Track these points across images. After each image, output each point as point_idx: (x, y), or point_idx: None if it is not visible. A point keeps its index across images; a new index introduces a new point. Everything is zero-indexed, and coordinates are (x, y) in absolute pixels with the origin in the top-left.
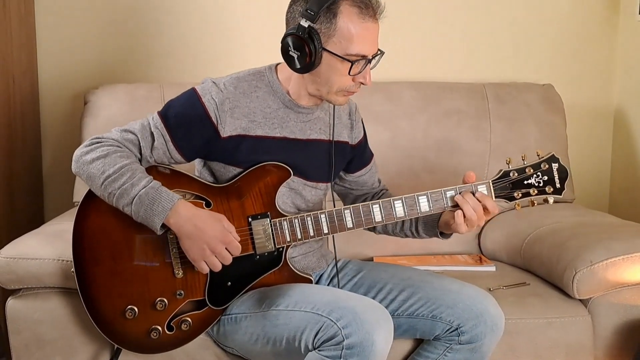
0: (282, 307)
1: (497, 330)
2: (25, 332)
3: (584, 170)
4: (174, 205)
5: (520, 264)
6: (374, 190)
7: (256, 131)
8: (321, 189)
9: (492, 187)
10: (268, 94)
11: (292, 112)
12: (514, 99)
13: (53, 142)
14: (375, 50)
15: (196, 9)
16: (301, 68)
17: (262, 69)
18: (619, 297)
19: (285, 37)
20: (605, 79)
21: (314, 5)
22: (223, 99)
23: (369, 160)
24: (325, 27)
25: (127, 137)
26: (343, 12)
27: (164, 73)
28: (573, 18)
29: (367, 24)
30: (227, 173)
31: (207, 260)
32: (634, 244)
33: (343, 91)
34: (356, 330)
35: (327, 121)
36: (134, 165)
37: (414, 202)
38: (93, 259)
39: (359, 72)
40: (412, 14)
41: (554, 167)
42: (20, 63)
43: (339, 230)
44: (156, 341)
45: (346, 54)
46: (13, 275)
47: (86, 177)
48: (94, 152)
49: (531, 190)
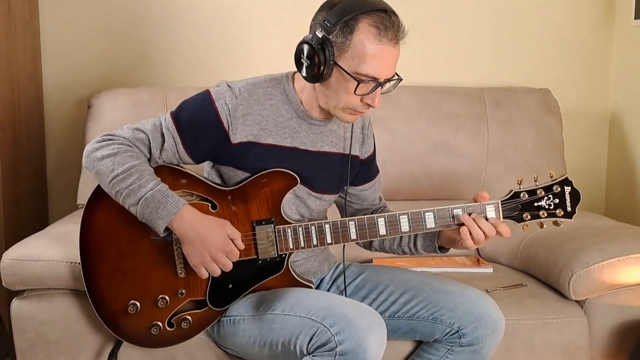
0: (279, 311)
1: (497, 333)
2: (30, 332)
3: (580, 174)
4: (178, 210)
5: (517, 265)
6: (374, 206)
7: (267, 139)
8: (326, 200)
9: (500, 207)
10: (282, 103)
11: (304, 123)
12: (512, 103)
13: (57, 146)
14: (390, 74)
15: (198, 15)
16: (309, 77)
17: (279, 76)
18: (615, 298)
19: (301, 44)
20: (601, 84)
21: (333, 17)
22: (237, 105)
23: (373, 176)
24: (340, 40)
25: (138, 137)
26: (361, 30)
27: (166, 77)
28: (569, 24)
29: (383, 47)
30: (235, 177)
31: (207, 267)
32: (630, 246)
33: (350, 109)
34: (349, 336)
35: (340, 134)
36: (143, 166)
37: (419, 218)
38: (99, 255)
39: (367, 94)
40: (411, 20)
41: (566, 190)
42: (25, 68)
43: (343, 241)
44: (156, 336)
45: (356, 72)
46: (18, 276)
47: (95, 173)
48: (104, 149)
49: (541, 213)
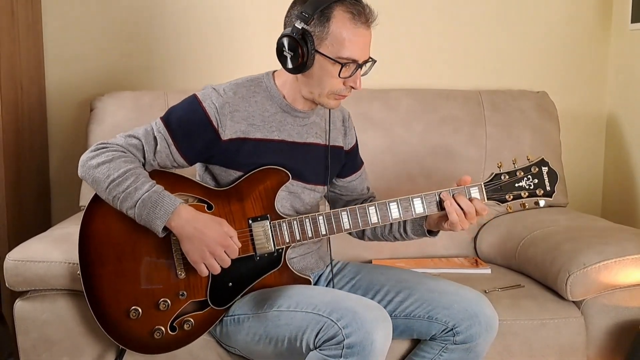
0: (284, 307)
1: (491, 331)
2: (33, 332)
3: (577, 176)
4: (175, 208)
5: (515, 266)
6: (362, 196)
7: (255, 134)
8: (319, 191)
9: (484, 189)
10: (266, 99)
11: (289, 116)
12: (509, 106)
13: (60, 148)
14: (366, 56)
15: (198, 20)
16: (293, 68)
17: (260, 76)
18: (611, 299)
19: (281, 38)
20: (597, 87)
21: (309, 8)
22: (223, 103)
23: (359, 166)
24: (318, 30)
25: (131, 142)
26: (336, 17)
27: (168, 80)
28: (566, 28)
29: (359, 30)
30: (228, 177)
31: (206, 263)
32: (626, 247)
33: (334, 94)
34: (356, 330)
35: (323, 126)
36: (138, 170)
37: (408, 204)
38: (98, 260)
39: (350, 76)
40: (410, 24)
41: (543, 171)
42: (28, 71)
43: (337, 231)
44: (159, 341)
45: (337, 56)
46: (21, 277)
47: (92, 181)
48: (99, 157)
49: (522, 193)
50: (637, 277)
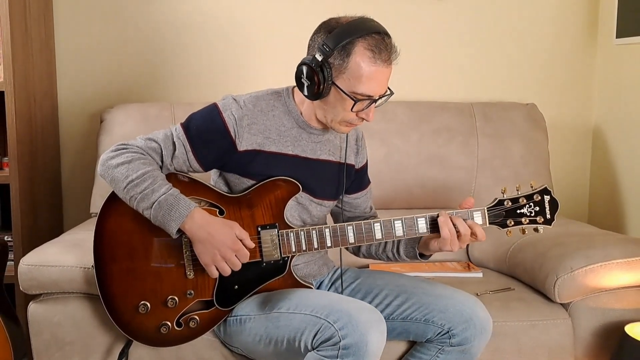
0: (284, 309)
1: (485, 333)
2: (46, 334)
3: (564, 183)
4: (190, 212)
5: (505, 270)
6: (365, 215)
7: (270, 147)
8: (326, 206)
9: (486, 214)
10: (284, 114)
11: (304, 133)
12: (500, 117)
13: (71, 158)
14: (383, 91)
15: (204, 34)
16: (309, 95)
17: (280, 90)
18: (597, 302)
19: (300, 65)
20: (584, 99)
21: (331, 41)
22: (242, 115)
23: (366, 185)
24: (338, 62)
25: (151, 146)
26: (357, 53)
27: (174, 93)
28: (555, 43)
29: (378, 68)
30: (241, 184)
31: (217, 265)
32: (611, 252)
33: (345, 122)
34: (351, 331)
35: (337, 144)
36: (156, 172)
37: (412, 223)
38: (112, 257)
39: (362, 110)
40: (406, 39)
41: (545, 199)
42: (41, 84)
43: (342, 245)
44: (165, 336)
45: (352, 91)
46: (34, 281)
47: (110, 180)
48: (119, 158)
49: (523, 220)
50: (622, 280)
